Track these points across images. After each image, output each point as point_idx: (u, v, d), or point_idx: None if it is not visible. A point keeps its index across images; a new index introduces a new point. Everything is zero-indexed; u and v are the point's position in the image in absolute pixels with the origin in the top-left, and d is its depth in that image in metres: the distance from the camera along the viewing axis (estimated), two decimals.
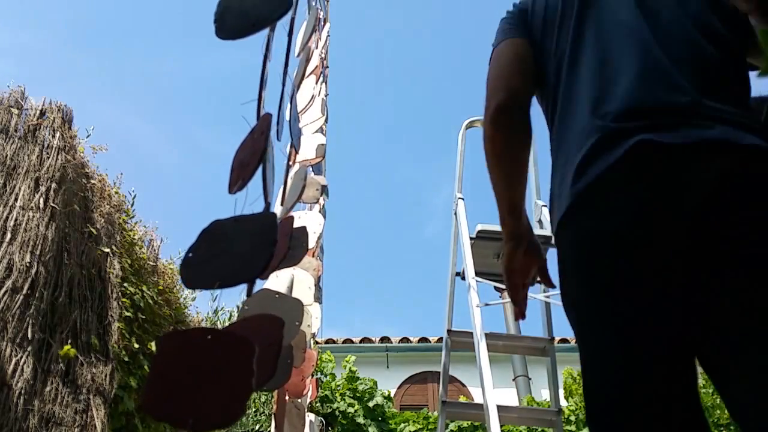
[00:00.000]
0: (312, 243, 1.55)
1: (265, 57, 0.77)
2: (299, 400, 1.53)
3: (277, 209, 1.09)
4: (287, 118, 0.95)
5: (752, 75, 1.26)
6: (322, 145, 1.83)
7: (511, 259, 1.25)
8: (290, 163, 1.30)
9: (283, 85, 0.84)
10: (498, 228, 2.38)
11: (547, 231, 2.51)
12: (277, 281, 1.27)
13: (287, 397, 1.48)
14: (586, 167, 0.95)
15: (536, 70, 1.17)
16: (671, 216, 0.88)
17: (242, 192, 0.67)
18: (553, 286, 1.37)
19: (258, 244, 0.57)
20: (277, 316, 0.56)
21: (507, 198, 1.21)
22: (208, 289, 0.57)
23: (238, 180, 0.66)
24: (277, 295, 0.79)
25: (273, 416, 1.34)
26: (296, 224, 1.63)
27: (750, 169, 0.87)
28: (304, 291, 1.32)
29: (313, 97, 1.80)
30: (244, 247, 0.57)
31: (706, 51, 1.03)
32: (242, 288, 0.64)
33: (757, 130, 0.92)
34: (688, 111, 0.93)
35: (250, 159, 0.66)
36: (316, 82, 1.97)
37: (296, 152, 1.18)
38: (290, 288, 1.28)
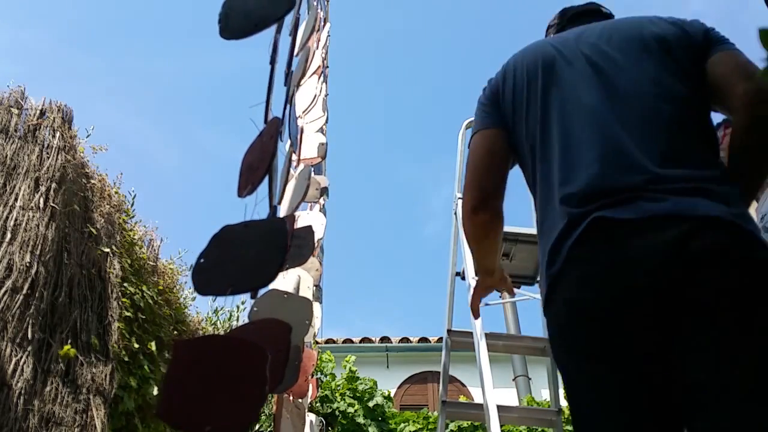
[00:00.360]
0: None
1: (273, 59, 0.77)
2: (300, 400, 1.53)
3: (280, 209, 1.09)
4: (287, 118, 0.95)
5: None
6: (323, 144, 1.83)
7: (479, 284, 1.53)
8: (294, 162, 1.30)
9: (287, 85, 0.84)
10: None
11: None
12: (284, 282, 1.27)
13: (290, 398, 1.48)
14: (557, 252, 1.05)
15: (512, 154, 1.30)
16: (629, 284, 0.96)
17: (243, 198, 0.67)
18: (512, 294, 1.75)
19: (269, 250, 0.57)
20: (285, 321, 0.56)
21: (481, 264, 1.48)
22: (221, 295, 0.57)
23: (247, 184, 0.66)
24: (285, 295, 0.79)
25: (273, 416, 1.34)
26: (301, 224, 1.63)
27: (699, 239, 0.94)
28: (304, 291, 1.32)
29: (315, 96, 1.80)
30: (256, 253, 0.57)
31: (665, 114, 1.11)
32: None
33: (714, 193, 1.00)
34: (642, 188, 1.01)
35: (260, 163, 0.66)
36: (318, 82, 1.97)
37: (294, 152, 1.18)
38: (297, 288, 1.28)
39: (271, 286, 1.22)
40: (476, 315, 1.67)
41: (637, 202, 0.99)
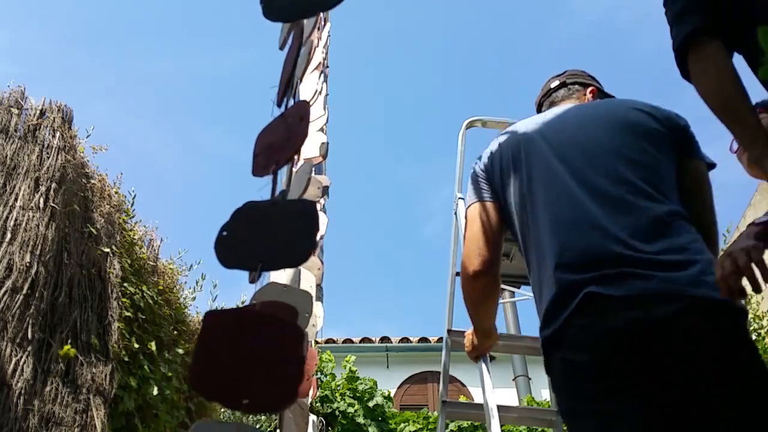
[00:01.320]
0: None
1: (299, 41, 0.76)
2: (302, 400, 1.53)
3: None
4: None
5: (750, 75, 1.29)
6: (325, 144, 1.82)
7: (478, 348, 1.80)
8: (295, 160, 1.29)
9: (293, 78, 0.83)
10: None
11: None
12: (284, 275, 1.27)
13: None
14: (551, 316, 1.15)
15: (505, 223, 1.43)
16: (620, 351, 1.05)
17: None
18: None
19: (301, 231, 0.56)
20: (291, 306, 0.56)
21: (479, 327, 1.69)
22: (248, 270, 0.56)
23: (269, 163, 0.65)
24: (285, 288, 0.79)
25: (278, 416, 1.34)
26: None
27: (689, 318, 1.05)
28: (306, 289, 1.31)
29: (316, 92, 1.80)
30: (286, 232, 0.56)
31: (637, 183, 1.22)
32: (243, 287, 0.63)
33: (694, 262, 1.10)
34: (627, 262, 1.11)
35: (287, 142, 0.64)
36: (319, 79, 1.97)
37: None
38: (297, 282, 1.28)
39: (271, 279, 1.22)
40: (476, 360, 1.90)
41: (625, 279, 1.09)
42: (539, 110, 1.72)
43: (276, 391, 0.47)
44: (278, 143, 0.65)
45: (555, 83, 1.71)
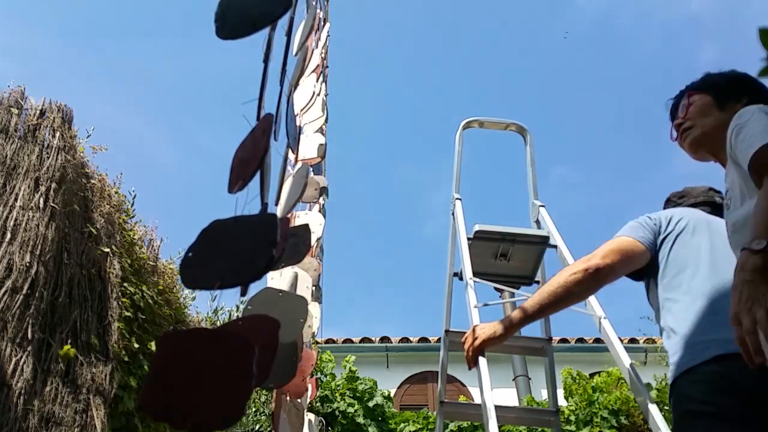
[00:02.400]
0: (312, 243, 1.55)
1: (267, 57, 0.77)
2: (299, 400, 1.53)
3: (277, 209, 1.09)
4: (284, 118, 0.95)
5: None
6: (323, 144, 1.83)
7: (489, 335, 1.85)
8: (291, 161, 1.30)
9: (281, 85, 0.84)
10: (495, 228, 2.44)
11: (543, 231, 2.52)
12: (280, 280, 1.28)
13: (287, 397, 1.48)
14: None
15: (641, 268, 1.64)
16: None
17: (242, 192, 0.67)
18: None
19: (258, 245, 0.57)
20: (273, 317, 0.56)
21: (533, 313, 1.73)
22: (208, 290, 0.57)
23: (238, 180, 0.66)
24: (281, 293, 0.79)
25: (272, 416, 1.35)
26: (298, 222, 1.63)
27: None
28: (302, 291, 1.32)
29: (313, 95, 1.80)
30: (244, 248, 0.57)
31: None
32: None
33: None
34: None
35: (251, 158, 0.66)
36: (317, 81, 1.98)
37: (293, 152, 1.18)
38: (294, 286, 1.28)
39: (267, 284, 1.23)
40: (471, 366, 1.91)
41: None
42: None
43: (219, 410, 0.48)
44: (247, 158, 0.67)
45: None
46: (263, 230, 0.58)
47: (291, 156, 1.44)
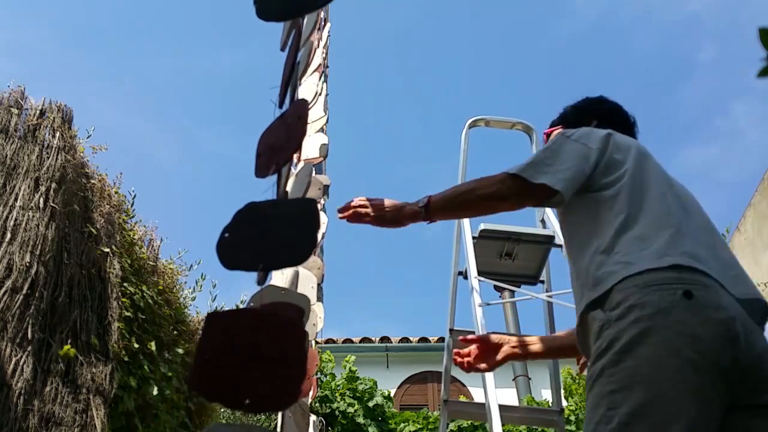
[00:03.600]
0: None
1: (297, 43, 0.76)
2: (303, 400, 1.52)
3: None
4: None
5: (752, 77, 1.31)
6: (325, 144, 1.82)
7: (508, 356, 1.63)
8: (294, 161, 1.29)
9: (291, 78, 0.83)
10: (501, 227, 2.43)
11: (549, 231, 2.51)
12: (281, 277, 1.26)
13: None
14: None
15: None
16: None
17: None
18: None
19: (300, 228, 0.56)
20: (296, 305, 0.56)
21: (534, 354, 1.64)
22: (250, 271, 0.56)
23: (270, 164, 0.65)
24: (283, 291, 0.78)
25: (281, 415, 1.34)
26: None
27: None
28: (307, 290, 1.31)
29: (316, 94, 1.79)
30: (287, 231, 0.56)
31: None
32: (242, 287, 0.63)
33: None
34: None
35: (286, 143, 0.64)
36: (319, 80, 1.97)
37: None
38: (295, 285, 1.27)
39: (270, 281, 1.21)
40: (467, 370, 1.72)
41: None
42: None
43: (277, 390, 0.47)
44: (278, 144, 0.66)
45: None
46: (304, 214, 0.57)
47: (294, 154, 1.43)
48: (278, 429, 1.30)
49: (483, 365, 1.60)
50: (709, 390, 1.05)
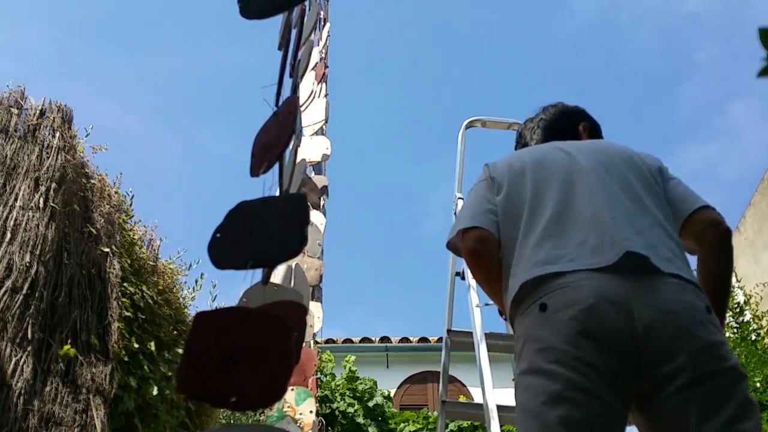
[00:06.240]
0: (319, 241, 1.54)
1: (283, 44, 0.76)
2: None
3: None
4: None
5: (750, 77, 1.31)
6: (327, 151, 1.82)
7: None
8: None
9: (293, 77, 0.83)
10: None
11: None
12: (275, 272, 1.27)
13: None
14: None
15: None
16: None
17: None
18: None
19: (289, 225, 0.56)
20: (299, 302, 0.56)
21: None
22: (240, 269, 0.56)
23: (263, 162, 0.65)
24: (276, 287, 0.79)
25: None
26: None
27: None
28: (300, 286, 1.31)
29: (312, 92, 1.80)
30: (276, 228, 0.57)
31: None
32: (242, 286, 0.64)
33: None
34: None
35: (276, 141, 0.65)
36: (317, 80, 1.97)
37: (299, 145, 1.18)
38: (288, 281, 1.27)
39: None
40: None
41: None
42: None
43: (262, 388, 0.47)
44: (270, 142, 0.66)
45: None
46: (294, 210, 0.57)
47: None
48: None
49: None
50: (576, 392, 1.06)
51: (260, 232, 0.57)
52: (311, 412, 1.86)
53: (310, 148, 1.91)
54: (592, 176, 1.32)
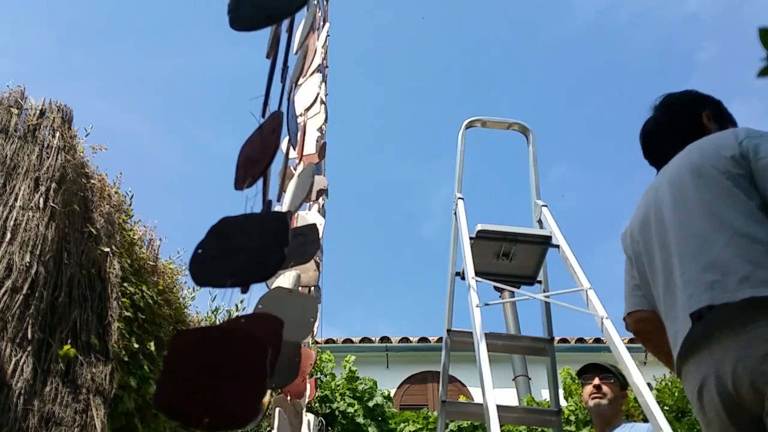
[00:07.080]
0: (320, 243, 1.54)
1: (271, 54, 0.76)
2: (297, 400, 1.53)
3: (281, 208, 1.09)
4: (285, 115, 0.95)
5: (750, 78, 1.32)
6: (320, 139, 1.82)
7: None
8: (296, 160, 1.29)
9: (283, 82, 0.84)
10: (498, 228, 2.43)
11: (546, 231, 2.51)
12: (284, 279, 1.27)
13: (287, 397, 1.48)
14: None
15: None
16: None
17: (244, 190, 0.67)
18: None
19: (270, 243, 0.56)
20: (290, 318, 0.56)
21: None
22: (220, 287, 0.56)
23: (247, 176, 0.65)
24: (290, 292, 0.79)
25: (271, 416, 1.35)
26: (301, 223, 1.62)
27: None
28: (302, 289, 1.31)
29: (317, 95, 1.80)
30: (256, 245, 0.57)
31: None
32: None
33: None
34: None
35: (261, 156, 0.65)
36: (319, 80, 1.97)
37: (294, 149, 1.18)
38: (298, 286, 1.28)
39: (274, 283, 1.22)
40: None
41: None
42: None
43: (236, 409, 0.48)
44: (254, 156, 0.66)
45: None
46: (274, 228, 0.57)
47: (293, 153, 1.44)
48: (273, 430, 1.31)
49: None
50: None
51: (241, 249, 0.57)
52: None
53: (307, 147, 1.91)
54: (670, 213, 1.38)
